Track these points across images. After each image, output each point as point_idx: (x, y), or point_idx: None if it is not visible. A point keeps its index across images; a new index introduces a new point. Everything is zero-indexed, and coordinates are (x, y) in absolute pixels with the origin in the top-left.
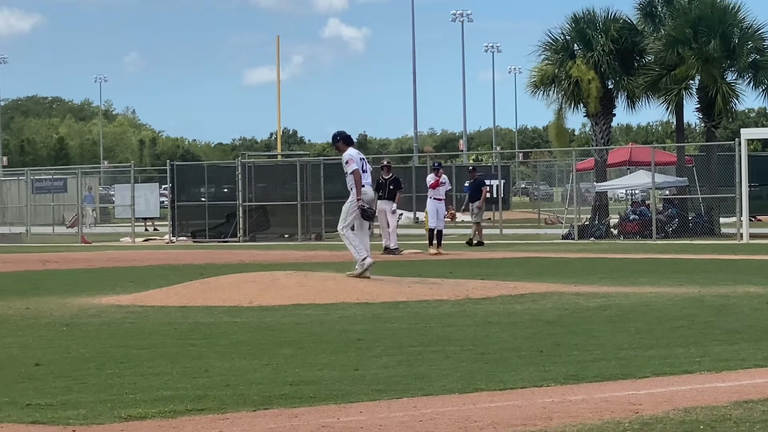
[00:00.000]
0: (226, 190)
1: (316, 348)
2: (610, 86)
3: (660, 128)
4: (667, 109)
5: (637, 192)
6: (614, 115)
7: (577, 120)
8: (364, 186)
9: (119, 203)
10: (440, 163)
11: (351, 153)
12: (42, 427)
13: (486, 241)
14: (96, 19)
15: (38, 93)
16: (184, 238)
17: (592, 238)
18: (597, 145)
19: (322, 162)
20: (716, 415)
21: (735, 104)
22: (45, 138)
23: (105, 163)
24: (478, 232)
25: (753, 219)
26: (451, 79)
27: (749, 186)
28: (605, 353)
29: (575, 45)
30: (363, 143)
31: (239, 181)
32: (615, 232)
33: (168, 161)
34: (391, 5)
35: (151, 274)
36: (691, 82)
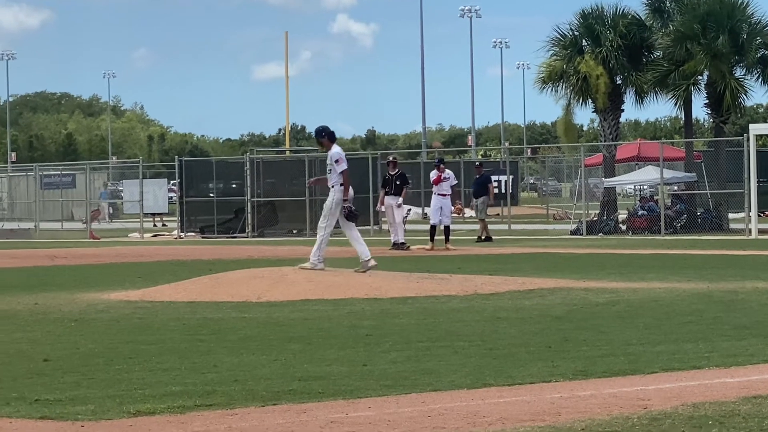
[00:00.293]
0: (234, 185)
1: (324, 343)
2: (619, 82)
3: (668, 124)
4: (676, 104)
5: (645, 187)
6: (623, 110)
7: (585, 115)
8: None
9: (128, 199)
10: (442, 159)
11: (340, 151)
12: (50, 423)
13: (495, 237)
14: (104, 14)
15: (47, 89)
16: (193, 234)
17: (601, 234)
18: (605, 141)
19: None
20: (725, 411)
21: (743, 100)
22: (53, 134)
23: (113, 158)
24: (480, 227)
25: (762, 214)
26: (460, 74)
27: (758, 181)
28: (614, 349)
29: (584, 41)
30: (371, 139)
31: (248, 176)
32: (623, 227)
33: (176, 157)
34: (399, 1)
35: (160, 270)
36: (700, 77)
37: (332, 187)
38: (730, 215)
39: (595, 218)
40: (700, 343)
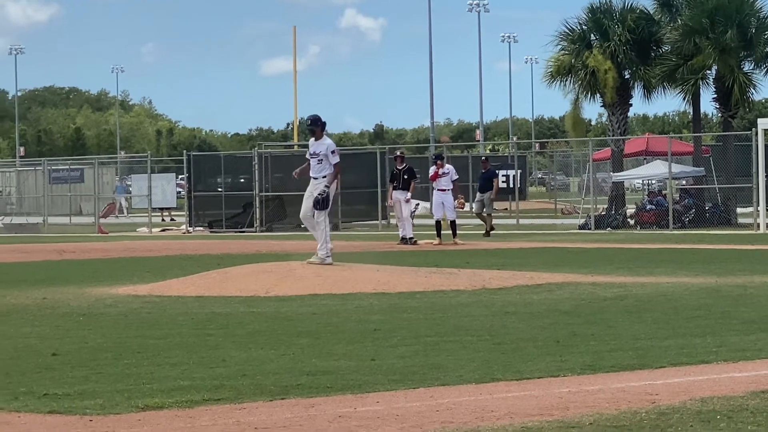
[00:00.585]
0: (242, 180)
1: (332, 338)
2: (627, 76)
3: (677, 118)
4: (684, 99)
5: (653, 182)
6: (631, 105)
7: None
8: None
9: (136, 193)
10: (440, 155)
11: (333, 143)
12: (59, 417)
13: (503, 231)
14: (113, 9)
15: (55, 83)
16: (201, 228)
17: (609, 228)
18: (613, 135)
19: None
20: (733, 405)
21: (752, 94)
22: (62, 128)
23: (122, 153)
24: (487, 221)
25: None
26: (468, 69)
27: (766, 176)
28: (622, 343)
29: (592, 35)
30: (380, 133)
31: (256, 171)
32: (631, 222)
33: (185, 151)
34: None
35: (168, 264)
36: (708, 72)
37: (319, 177)
38: (739, 210)
39: (603, 213)
40: (708, 338)
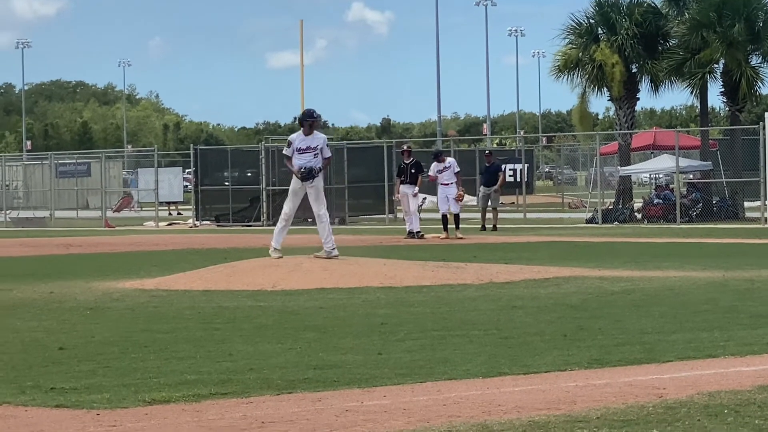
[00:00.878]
0: (249, 174)
1: (339, 332)
2: (634, 70)
3: (684, 112)
4: (691, 93)
5: (660, 176)
6: (638, 99)
7: (600, 104)
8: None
9: (143, 187)
10: (440, 151)
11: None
12: (66, 411)
13: (510, 225)
14: (120, 3)
15: (62, 77)
16: (208, 223)
17: (616, 222)
18: (621, 129)
19: (346, 146)
20: (740, 399)
21: (759, 88)
22: (69, 122)
23: (128, 147)
24: (493, 216)
25: None
26: (475, 63)
27: None
28: (629, 337)
29: (599, 29)
30: (386, 127)
31: (263, 165)
32: (639, 216)
33: (191, 145)
34: None
35: (175, 258)
36: (716, 65)
37: (320, 169)
38: (746, 204)
39: (610, 207)
40: (715, 332)
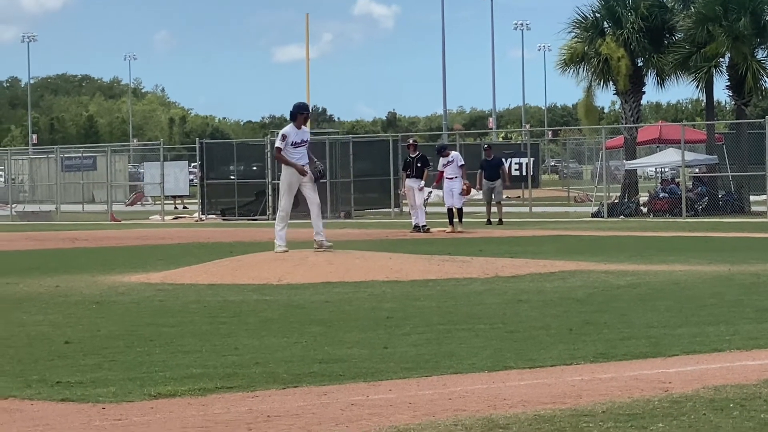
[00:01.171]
0: (255, 168)
1: (345, 326)
2: (640, 64)
3: (690, 106)
4: (697, 86)
5: (666, 170)
6: (644, 92)
7: (606, 98)
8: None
9: (149, 181)
10: (443, 146)
11: None
12: (72, 405)
13: (516, 219)
14: None
15: (68, 71)
16: (214, 216)
17: (622, 216)
18: (626, 123)
19: (351, 140)
20: (746, 394)
21: (765, 82)
22: (74, 116)
23: (134, 141)
24: (498, 209)
25: None
26: (481, 56)
27: None
28: (635, 331)
29: (605, 23)
30: (392, 121)
31: (268, 159)
32: (644, 210)
33: (197, 139)
34: None
35: (181, 252)
36: (721, 59)
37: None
38: (752, 198)
39: (616, 201)
40: (721, 326)
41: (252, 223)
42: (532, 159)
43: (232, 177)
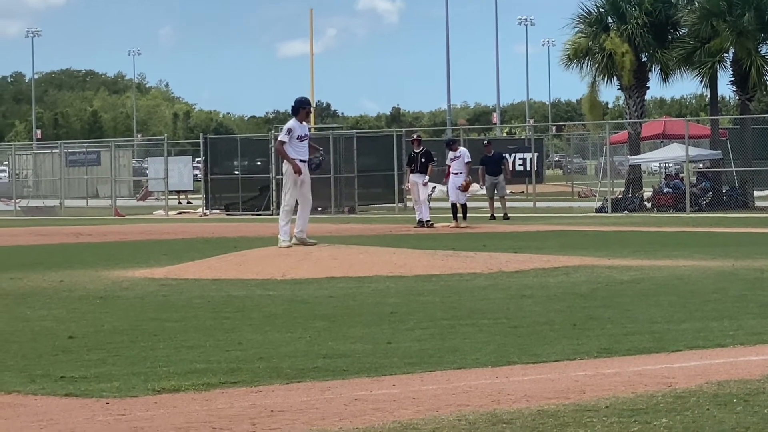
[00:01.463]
0: (259, 163)
1: (349, 321)
2: (644, 59)
3: (694, 101)
4: (701, 82)
5: (670, 165)
6: (648, 88)
7: (610, 93)
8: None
9: (153, 176)
10: (452, 140)
11: None
12: (75, 400)
13: (520, 214)
14: None
15: (72, 66)
16: (218, 211)
17: (626, 212)
18: (630, 118)
19: (355, 135)
20: (750, 389)
21: None
22: (79, 111)
23: (138, 136)
24: (502, 204)
25: None
26: (485, 52)
27: None
28: (638, 327)
29: (609, 18)
30: (396, 116)
31: (272, 154)
32: (648, 205)
33: (201, 134)
34: None
35: (185, 247)
36: (726, 55)
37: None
38: (756, 193)
39: (620, 196)
40: (725, 321)
41: (256, 218)
42: (536, 154)
43: (236, 172)
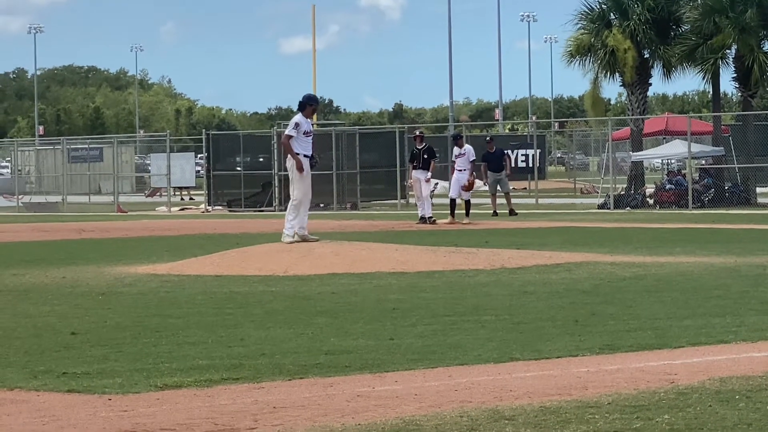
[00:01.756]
0: (261, 159)
1: (351, 317)
2: (646, 55)
3: (696, 98)
4: (704, 78)
5: (673, 161)
6: (650, 84)
7: (613, 89)
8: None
9: (155, 173)
10: (457, 135)
11: None
12: (78, 396)
13: (522, 210)
14: None
15: (74, 62)
16: (220, 208)
17: (628, 208)
18: (633, 115)
19: (358, 131)
20: (752, 385)
21: None
22: (81, 107)
23: (141, 132)
24: (507, 200)
25: None
26: (487, 48)
27: None
28: (641, 323)
29: (611, 14)
30: (399, 112)
31: (275, 150)
32: (651, 201)
33: (204, 131)
34: None
35: (187, 244)
36: (728, 51)
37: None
38: (758, 189)
39: (622, 192)
40: (727, 318)
41: (258, 214)
42: (538, 150)
43: (238, 168)
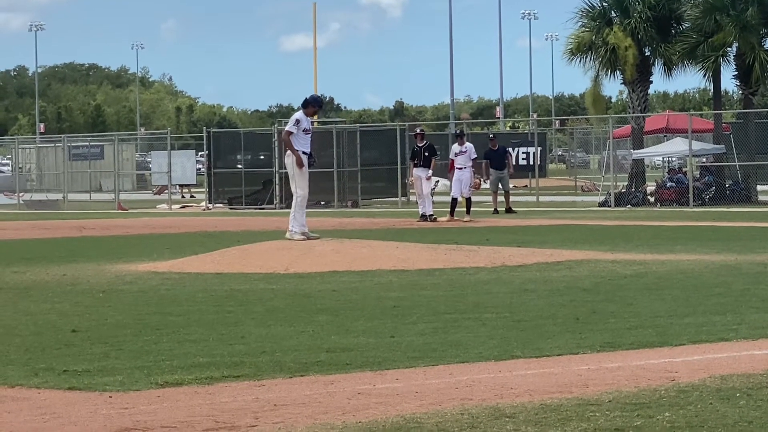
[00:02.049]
0: (262, 157)
1: (352, 315)
2: (647, 53)
3: (697, 95)
4: (705, 76)
5: (674, 159)
6: (651, 82)
7: (613, 87)
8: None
9: (156, 170)
10: (460, 132)
11: None
12: (79, 393)
13: (523, 208)
14: None
15: (75, 60)
16: (221, 205)
17: (629, 206)
18: (634, 113)
19: (359, 129)
20: (753, 383)
21: None
22: (82, 105)
23: (142, 130)
24: (506, 198)
25: None
26: (488, 46)
27: None
28: (641, 321)
29: (612, 12)
30: (399, 110)
31: (276, 148)
32: (652, 199)
33: (204, 128)
34: None
35: (188, 241)
36: (729, 49)
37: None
38: (759, 187)
39: (623, 190)
40: (728, 316)
41: (259, 212)
42: (539, 148)
43: (239, 166)
